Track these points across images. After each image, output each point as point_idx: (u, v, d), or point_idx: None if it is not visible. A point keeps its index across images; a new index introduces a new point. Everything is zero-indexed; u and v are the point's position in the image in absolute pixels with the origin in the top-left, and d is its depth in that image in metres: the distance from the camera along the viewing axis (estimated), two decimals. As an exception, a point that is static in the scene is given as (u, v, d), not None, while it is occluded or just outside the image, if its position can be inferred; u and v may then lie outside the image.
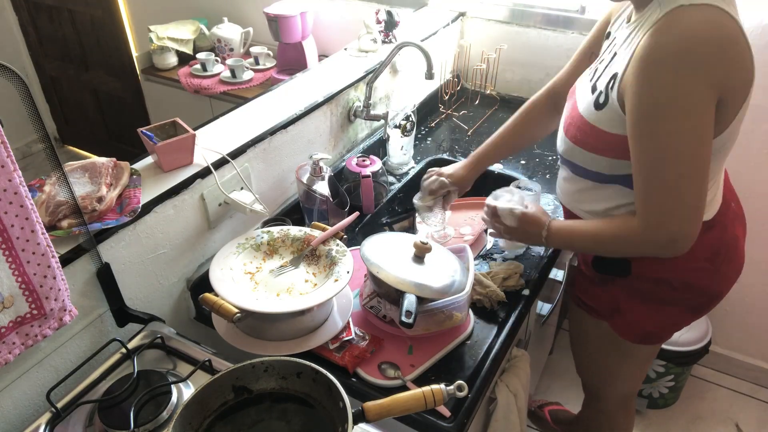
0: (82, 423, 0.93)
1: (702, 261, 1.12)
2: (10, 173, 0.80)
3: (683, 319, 1.24)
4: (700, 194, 0.95)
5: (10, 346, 0.88)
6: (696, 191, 0.94)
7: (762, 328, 2.05)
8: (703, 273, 1.14)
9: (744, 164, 1.72)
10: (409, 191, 1.65)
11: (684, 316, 1.23)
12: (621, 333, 1.27)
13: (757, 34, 1.60)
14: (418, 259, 1.13)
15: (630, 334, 1.26)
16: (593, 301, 1.29)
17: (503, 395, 1.23)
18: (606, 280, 1.22)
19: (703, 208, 0.97)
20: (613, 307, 1.24)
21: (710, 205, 1.09)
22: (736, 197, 1.21)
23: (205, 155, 1.21)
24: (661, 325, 1.24)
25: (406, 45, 1.53)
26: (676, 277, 1.14)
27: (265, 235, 1.21)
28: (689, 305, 1.19)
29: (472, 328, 1.17)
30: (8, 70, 0.77)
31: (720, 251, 1.13)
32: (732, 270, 1.18)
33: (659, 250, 1.02)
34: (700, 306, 1.21)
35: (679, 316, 1.23)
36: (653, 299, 1.18)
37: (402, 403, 0.84)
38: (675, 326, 1.27)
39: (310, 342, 1.08)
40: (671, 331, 1.28)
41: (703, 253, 1.10)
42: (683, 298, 1.17)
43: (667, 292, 1.16)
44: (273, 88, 1.53)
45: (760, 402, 2.11)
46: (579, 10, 1.85)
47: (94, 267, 1.03)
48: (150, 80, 2.62)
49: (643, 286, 1.17)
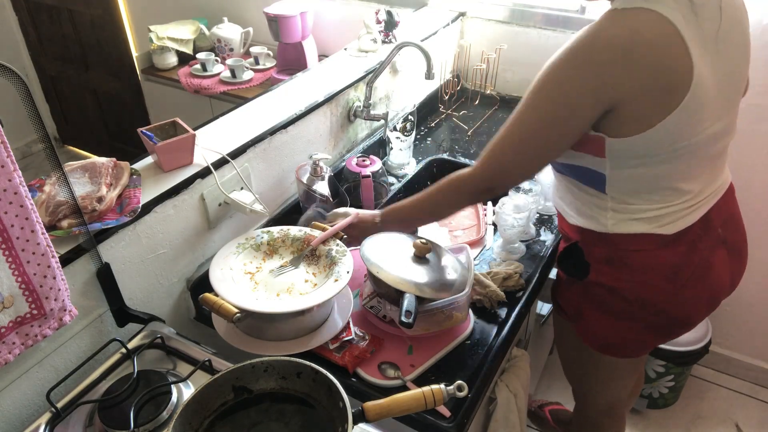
0: (82, 423, 0.93)
1: (657, 277, 1.09)
2: (10, 173, 0.80)
3: (645, 337, 1.21)
4: (521, 164, 1.05)
5: (10, 346, 0.88)
6: (520, 160, 1.05)
7: (762, 328, 2.05)
8: (659, 291, 1.11)
9: (744, 164, 1.72)
10: (410, 191, 1.66)
11: (645, 334, 1.19)
12: (584, 339, 1.27)
13: (757, 34, 1.60)
14: (418, 259, 1.13)
15: (591, 341, 1.26)
16: (563, 302, 1.30)
17: (503, 395, 1.23)
18: (571, 281, 1.22)
19: (524, 175, 1.11)
20: (577, 310, 1.24)
21: (672, 220, 1.06)
22: (736, 226, 1.17)
23: (205, 155, 1.21)
24: (621, 339, 1.21)
25: (406, 45, 1.53)
26: (629, 289, 1.12)
27: (265, 235, 1.21)
28: (648, 324, 1.16)
29: (472, 328, 1.17)
30: (8, 70, 0.77)
31: (681, 273, 1.09)
32: (697, 298, 1.13)
33: (477, 193, 1.11)
34: (661, 327, 1.17)
35: (639, 334, 1.19)
36: (610, 310, 1.17)
37: (402, 403, 0.84)
38: (638, 343, 1.23)
39: (310, 342, 1.08)
40: (636, 348, 1.25)
41: (660, 269, 1.09)
42: (640, 315, 1.14)
43: (621, 304, 1.14)
44: (273, 88, 1.53)
45: (760, 402, 2.11)
46: (579, 10, 1.85)
47: (94, 267, 1.03)
48: (150, 80, 2.62)
49: (600, 294, 1.17)
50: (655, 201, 1.05)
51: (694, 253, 1.09)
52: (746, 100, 1.68)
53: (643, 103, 0.94)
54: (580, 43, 0.93)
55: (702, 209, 1.08)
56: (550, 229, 1.46)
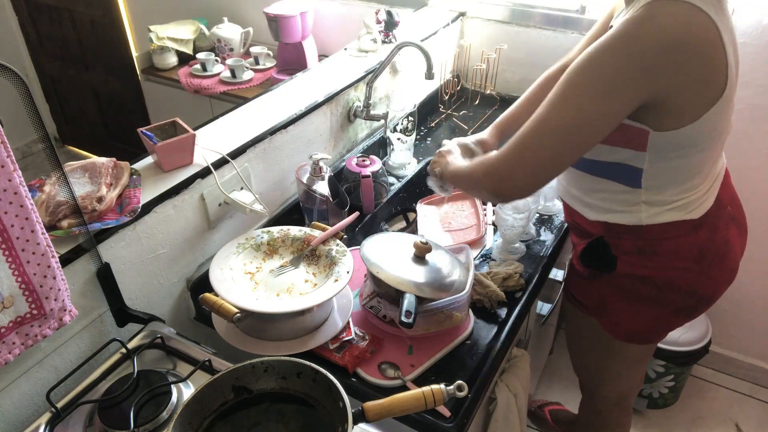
0: (82, 423, 0.93)
1: (687, 261, 1.11)
2: (10, 173, 0.80)
3: (671, 321, 1.23)
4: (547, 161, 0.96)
5: (10, 346, 0.88)
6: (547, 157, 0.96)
7: (762, 328, 2.05)
8: (689, 274, 1.13)
9: (744, 164, 1.72)
10: (410, 191, 1.66)
11: (671, 318, 1.21)
12: (609, 331, 1.27)
13: (757, 34, 1.60)
14: (418, 259, 1.13)
15: (617, 332, 1.26)
16: (583, 298, 1.30)
17: (503, 395, 1.23)
18: (594, 276, 1.22)
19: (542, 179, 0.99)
20: (600, 304, 1.25)
21: (698, 205, 1.08)
22: (737, 202, 1.20)
23: (205, 155, 1.21)
24: (647, 325, 1.23)
25: (406, 45, 1.53)
26: (660, 276, 1.14)
27: (265, 235, 1.21)
28: (676, 307, 1.18)
29: (472, 328, 1.17)
30: (8, 70, 0.77)
31: (707, 253, 1.11)
32: (721, 274, 1.16)
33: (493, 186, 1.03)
34: (688, 308, 1.19)
35: (666, 318, 1.21)
36: (638, 298, 1.18)
37: (402, 403, 0.84)
38: (663, 328, 1.26)
39: (310, 342, 1.08)
40: (661, 333, 1.27)
41: (688, 253, 1.11)
42: (669, 298, 1.16)
43: (651, 291, 1.16)
44: (273, 88, 1.53)
45: (760, 402, 2.11)
46: (579, 10, 1.85)
47: (94, 267, 1.03)
48: (150, 80, 2.62)
49: (628, 284, 1.17)
50: (688, 190, 1.06)
51: (716, 233, 1.12)
52: (746, 100, 1.69)
53: (688, 97, 0.93)
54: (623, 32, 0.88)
55: (715, 191, 1.11)
56: (550, 229, 1.46)
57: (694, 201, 1.07)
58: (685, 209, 1.07)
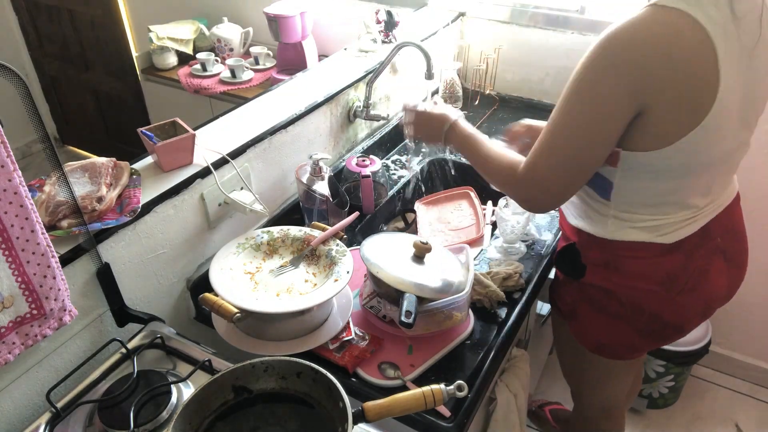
0: (82, 423, 0.93)
1: (652, 283, 1.09)
2: (10, 173, 0.80)
3: (637, 341, 1.20)
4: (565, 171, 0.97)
5: (9, 346, 0.88)
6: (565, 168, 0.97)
7: (762, 328, 2.05)
8: (654, 297, 1.10)
9: (744, 164, 1.72)
10: (409, 191, 1.66)
11: (637, 338, 1.19)
12: (578, 338, 1.27)
13: (757, 34, 1.60)
14: (418, 259, 1.13)
15: (584, 340, 1.26)
16: (559, 301, 1.30)
17: (503, 395, 1.23)
18: (567, 280, 1.23)
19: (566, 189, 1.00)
20: (572, 309, 1.25)
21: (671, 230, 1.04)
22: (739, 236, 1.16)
23: (205, 155, 1.21)
24: (614, 341, 1.22)
25: (406, 45, 1.53)
26: (625, 294, 1.12)
27: (265, 235, 1.21)
28: (641, 328, 1.16)
29: (472, 328, 1.17)
30: (8, 70, 0.77)
31: (677, 280, 1.08)
32: (692, 304, 1.12)
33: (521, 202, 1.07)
34: (654, 333, 1.17)
35: (632, 337, 1.19)
36: (604, 311, 1.17)
37: (402, 403, 0.84)
38: (631, 346, 1.23)
39: (310, 342, 1.08)
40: (628, 351, 1.25)
41: (654, 275, 1.08)
42: (632, 318, 1.14)
43: (616, 306, 1.14)
44: (273, 88, 1.53)
45: (760, 402, 2.11)
46: (579, 10, 1.85)
47: (94, 267, 1.03)
48: (150, 80, 2.62)
49: (596, 295, 1.17)
50: (660, 213, 1.03)
51: (691, 261, 1.08)
52: (746, 100, 1.68)
53: (668, 117, 0.89)
54: (616, 38, 0.87)
55: (702, 220, 1.07)
56: (550, 229, 1.46)
57: (666, 225, 1.04)
58: (654, 231, 1.05)
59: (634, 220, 1.05)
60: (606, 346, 1.24)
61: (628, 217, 1.05)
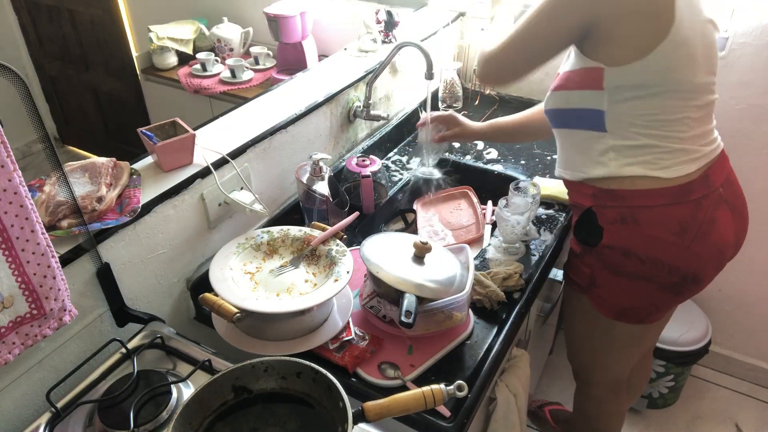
0: (81, 423, 0.93)
1: (667, 233, 1.14)
2: (10, 173, 0.80)
3: (658, 298, 1.24)
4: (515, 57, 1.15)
5: (9, 346, 0.88)
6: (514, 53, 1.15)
7: (762, 328, 2.05)
8: (670, 247, 1.15)
9: (744, 164, 1.72)
10: (409, 191, 1.66)
11: (658, 294, 1.23)
12: (598, 307, 1.29)
13: (757, 34, 1.60)
14: (418, 259, 1.13)
15: (606, 308, 1.28)
16: (575, 275, 1.33)
17: (503, 395, 1.23)
18: (585, 251, 1.25)
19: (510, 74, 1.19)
20: (591, 280, 1.27)
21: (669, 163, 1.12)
22: (735, 187, 1.21)
23: (205, 155, 1.21)
24: (636, 302, 1.25)
25: (406, 45, 1.53)
26: (644, 250, 1.16)
27: (265, 235, 1.21)
28: (661, 283, 1.20)
29: (472, 328, 1.17)
30: (8, 70, 0.77)
31: (689, 228, 1.13)
32: (706, 251, 1.17)
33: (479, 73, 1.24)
34: (674, 286, 1.20)
35: (652, 294, 1.23)
36: (624, 273, 1.20)
37: (402, 403, 0.84)
38: (652, 306, 1.27)
39: (310, 342, 1.08)
40: (650, 312, 1.28)
41: (669, 225, 1.14)
42: (653, 273, 1.18)
43: (636, 265, 1.18)
44: (273, 88, 1.53)
45: (760, 402, 2.11)
46: (579, 10, 1.85)
47: (94, 267, 1.03)
48: (150, 80, 2.62)
49: (615, 257, 1.20)
50: (653, 138, 1.10)
51: (699, 210, 1.13)
52: (747, 101, 1.69)
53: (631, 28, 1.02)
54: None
55: (698, 162, 1.13)
56: (550, 229, 1.46)
57: (663, 157, 1.11)
58: (653, 165, 1.11)
59: (632, 153, 1.12)
60: (628, 310, 1.27)
61: (626, 146, 1.12)
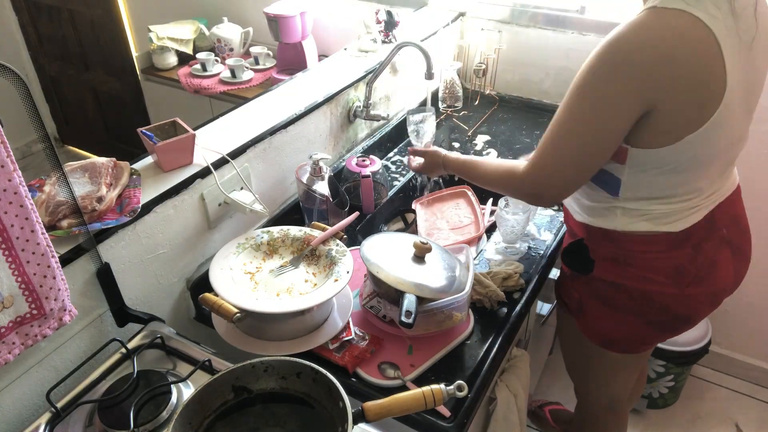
0: (82, 423, 0.93)
1: (661, 276, 1.10)
2: (10, 173, 0.80)
3: (647, 333, 1.21)
4: (571, 167, 1.01)
5: (9, 346, 0.88)
6: (571, 164, 1.00)
7: (762, 328, 2.05)
8: (663, 289, 1.11)
9: (744, 164, 1.72)
10: (409, 191, 1.66)
11: (647, 330, 1.20)
12: (585, 333, 1.27)
13: (757, 34, 1.60)
14: (418, 259, 1.13)
15: (592, 335, 1.26)
16: (566, 296, 1.31)
17: (503, 395, 1.23)
18: (575, 275, 1.23)
19: (572, 184, 1.04)
20: (579, 304, 1.25)
21: (678, 218, 1.06)
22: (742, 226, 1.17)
23: (205, 155, 1.21)
24: (622, 334, 1.22)
25: (406, 45, 1.53)
26: (635, 287, 1.13)
27: (265, 235, 1.21)
28: (650, 320, 1.17)
29: (472, 328, 1.17)
30: (8, 70, 0.77)
31: (686, 273, 1.09)
32: (701, 296, 1.13)
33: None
34: (663, 324, 1.18)
35: (641, 329, 1.20)
36: (613, 305, 1.17)
37: (402, 403, 0.84)
38: (640, 339, 1.24)
39: (310, 342, 1.08)
40: (637, 344, 1.26)
41: (664, 269, 1.09)
42: (643, 311, 1.15)
43: (625, 300, 1.15)
44: (273, 88, 1.53)
45: (760, 402, 2.11)
46: (579, 10, 1.85)
47: (94, 267, 1.03)
48: (150, 80, 2.62)
49: (604, 289, 1.17)
50: (667, 203, 1.05)
51: (699, 254, 1.09)
52: (746, 100, 1.68)
53: (677, 114, 0.91)
54: (619, 41, 0.89)
55: (707, 208, 1.08)
56: (550, 229, 1.46)
57: (672, 213, 1.05)
58: (662, 219, 1.06)
59: (642, 212, 1.06)
60: (615, 341, 1.25)
61: (635, 208, 1.07)
